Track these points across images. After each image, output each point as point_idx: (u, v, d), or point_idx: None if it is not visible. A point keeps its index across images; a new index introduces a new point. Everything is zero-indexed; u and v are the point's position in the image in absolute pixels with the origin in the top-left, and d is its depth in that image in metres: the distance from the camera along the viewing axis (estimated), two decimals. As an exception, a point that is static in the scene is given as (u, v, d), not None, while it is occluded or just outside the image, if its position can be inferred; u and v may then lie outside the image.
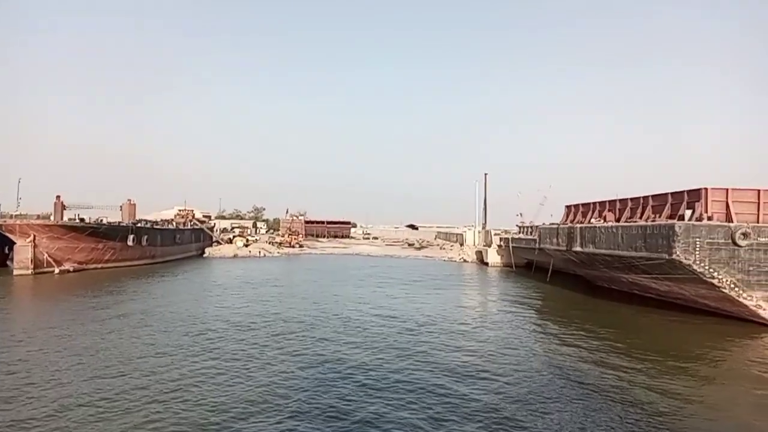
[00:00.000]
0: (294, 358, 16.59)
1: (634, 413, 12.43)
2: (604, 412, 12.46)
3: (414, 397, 13.15)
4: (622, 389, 14.20)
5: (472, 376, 15.05)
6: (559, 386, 14.36)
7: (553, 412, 12.40)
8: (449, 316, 25.01)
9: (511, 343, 19.63)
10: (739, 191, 24.95)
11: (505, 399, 13.14)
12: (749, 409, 13.43)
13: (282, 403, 12.40)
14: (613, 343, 19.69)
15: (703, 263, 23.73)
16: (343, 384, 14.04)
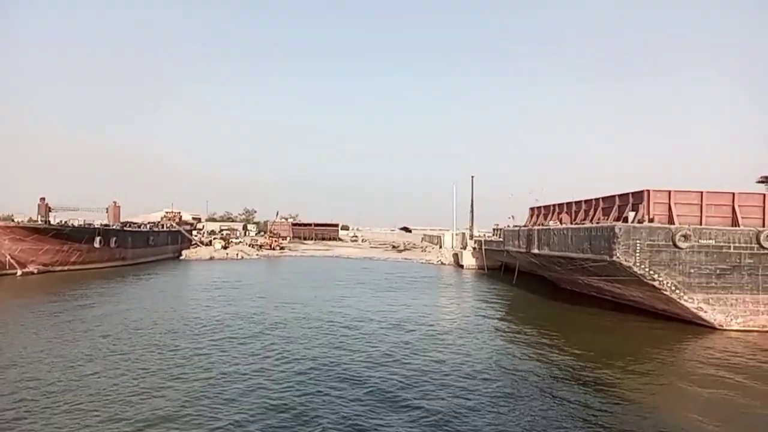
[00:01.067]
0: (226, 359, 16.53)
1: (570, 413, 12.54)
2: (548, 411, 12.59)
3: (344, 392, 13.11)
4: (563, 391, 14.27)
5: (407, 383, 14.64)
6: (504, 387, 14.38)
7: (500, 411, 12.48)
8: (392, 317, 24.95)
9: (451, 346, 19.46)
10: (681, 193, 25.00)
11: (444, 402, 13.00)
12: (687, 407, 13.53)
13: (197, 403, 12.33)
14: (565, 347, 19.50)
15: (644, 265, 23.76)
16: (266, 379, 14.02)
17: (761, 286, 23.78)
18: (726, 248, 23.76)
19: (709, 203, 24.81)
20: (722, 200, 24.90)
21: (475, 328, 23.27)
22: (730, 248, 23.75)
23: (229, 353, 17.30)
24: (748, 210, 24.85)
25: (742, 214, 24.69)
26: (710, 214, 24.75)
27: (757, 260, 23.76)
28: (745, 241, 23.75)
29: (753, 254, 23.75)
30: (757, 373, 16.76)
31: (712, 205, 24.82)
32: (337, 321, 23.66)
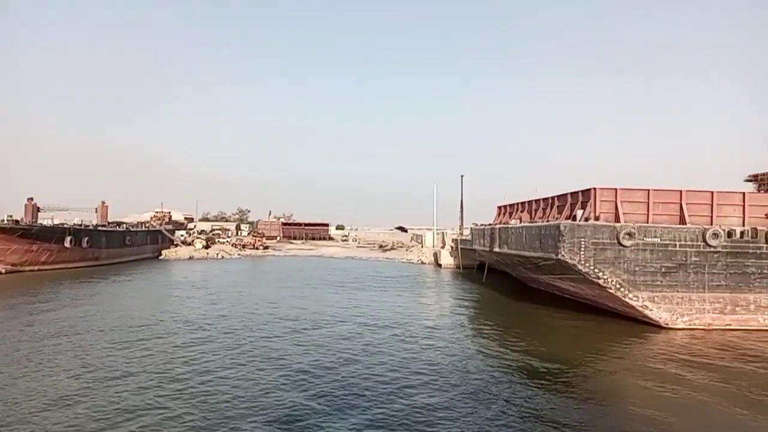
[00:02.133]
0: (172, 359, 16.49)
1: (517, 411, 12.67)
2: (495, 410, 12.69)
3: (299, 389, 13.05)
4: (512, 390, 14.36)
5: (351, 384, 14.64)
6: (450, 389, 14.31)
7: (445, 412, 12.45)
8: (346, 317, 24.88)
9: (398, 347, 19.23)
10: (627, 191, 24.89)
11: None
12: (633, 403, 13.63)
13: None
14: (520, 348, 19.46)
15: (588, 263, 23.68)
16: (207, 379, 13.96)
17: (707, 285, 23.71)
18: (672, 246, 23.69)
19: (656, 201, 24.70)
20: (669, 198, 24.81)
21: (427, 331, 23.06)
22: (676, 246, 23.69)
23: (156, 356, 17.24)
24: (695, 208, 24.76)
25: (690, 212, 24.59)
26: (657, 212, 24.65)
27: (703, 258, 23.69)
28: (691, 239, 23.68)
29: (699, 252, 23.68)
30: (698, 372, 16.73)
31: (659, 203, 24.72)
32: (288, 322, 23.45)
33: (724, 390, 14.93)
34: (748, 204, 24.74)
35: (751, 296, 23.76)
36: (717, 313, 23.69)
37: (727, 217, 24.76)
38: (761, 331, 23.27)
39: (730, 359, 18.61)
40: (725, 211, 24.82)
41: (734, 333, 22.98)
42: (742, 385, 15.55)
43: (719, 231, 23.56)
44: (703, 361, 18.10)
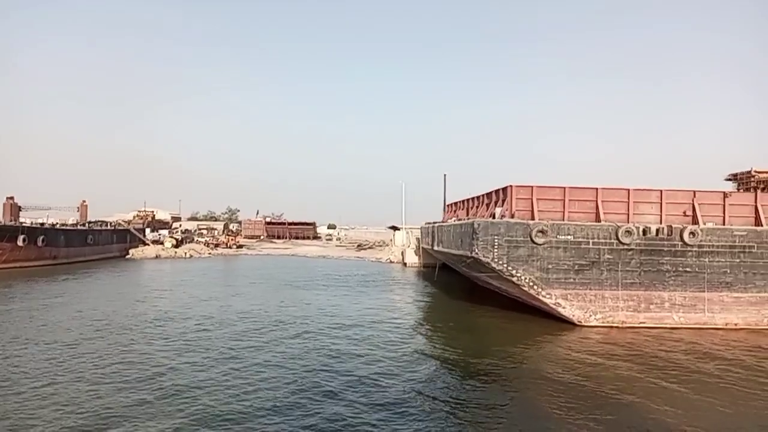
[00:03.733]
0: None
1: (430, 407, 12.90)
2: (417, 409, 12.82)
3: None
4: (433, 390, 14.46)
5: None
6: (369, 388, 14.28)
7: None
8: (266, 316, 24.82)
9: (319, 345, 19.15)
10: (543, 189, 24.84)
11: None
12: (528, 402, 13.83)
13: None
14: (448, 347, 19.56)
15: (502, 261, 23.60)
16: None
17: (621, 282, 23.66)
18: (585, 244, 23.63)
19: (573, 199, 24.67)
20: (586, 196, 24.78)
21: (342, 329, 23.04)
22: (589, 244, 23.63)
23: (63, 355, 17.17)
24: (613, 206, 24.72)
25: (605, 209, 24.56)
26: (573, 210, 24.61)
27: (616, 256, 23.64)
28: (604, 236, 23.63)
29: (612, 250, 23.63)
30: (597, 370, 16.76)
31: (575, 201, 24.68)
32: (214, 322, 23.09)
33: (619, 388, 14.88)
34: (665, 202, 24.70)
35: (665, 294, 23.72)
36: (631, 311, 23.65)
37: (645, 214, 24.73)
38: (676, 329, 23.24)
39: (630, 356, 18.66)
40: (642, 209, 24.80)
41: (647, 331, 22.95)
42: (637, 379, 15.75)
43: (632, 228, 23.50)
44: (600, 361, 18.03)
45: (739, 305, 23.73)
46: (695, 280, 23.67)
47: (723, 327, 23.50)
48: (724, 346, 20.71)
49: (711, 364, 17.89)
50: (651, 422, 12.36)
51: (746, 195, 24.91)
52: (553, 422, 12.19)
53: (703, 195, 24.88)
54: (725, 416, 13.01)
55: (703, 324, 23.53)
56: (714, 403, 13.87)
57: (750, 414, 13.32)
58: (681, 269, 23.67)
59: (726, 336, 22.46)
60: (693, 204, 24.65)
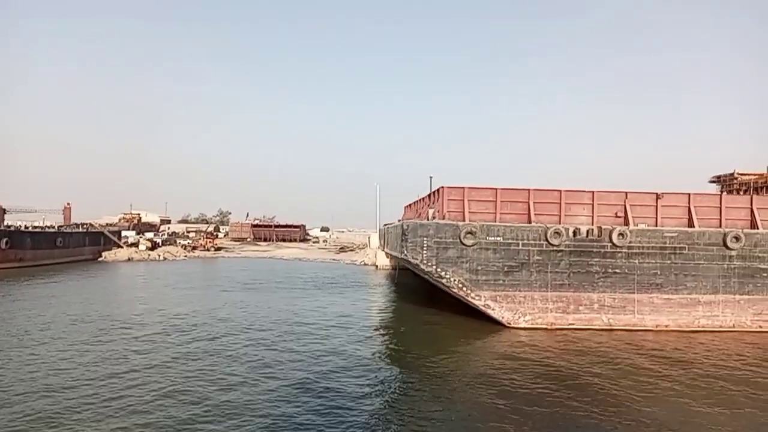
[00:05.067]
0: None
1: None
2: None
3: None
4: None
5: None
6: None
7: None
8: (201, 319, 24.76)
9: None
10: (475, 190, 24.80)
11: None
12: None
13: None
14: (385, 347, 20.08)
15: (431, 262, 23.54)
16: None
17: (550, 284, 23.62)
18: (514, 245, 23.59)
19: (504, 200, 24.62)
20: (518, 197, 24.74)
21: (285, 333, 22.93)
22: (519, 245, 23.59)
23: None
24: (545, 207, 24.68)
25: (538, 210, 24.53)
26: (505, 212, 24.56)
27: (545, 257, 23.60)
28: (533, 237, 23.59)
29: (542, 251, 23.59)
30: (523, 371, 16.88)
31: (507, 202, 24.63)
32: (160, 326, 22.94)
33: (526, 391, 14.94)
34: (597, 203, 24.67)
35: (594, 295, 23.68)
36: (560, 312, 23.60)
37: (577, 216, 24.69)
38: (605, 331, 23.19)
39: (546, 357, 18.75)
40: (575, 210, 24.76)
41: (576, 332, 22.89)
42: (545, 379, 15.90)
43: (561, 230, 23.47)
44: (512, 362, 18.09)
45: (669, 307, 23.69)
46: (625, 282, 23.64)
47: (653, 329, 23.46)
48: (651, 346, 20.84)
49: (627, 363, 18.03)
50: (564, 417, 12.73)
51: (679, 196, 24.80)
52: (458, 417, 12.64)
53: (636, 196, 24.85)
54: (647, 413, 13.11)
55: (632, 326, 23.49)
56: (635, 399, 14.07)
57: (672, 408, 13.61)
58: (610, 270, 23.63)
59: (656, 337, 22.46)
60: (625, 205, 24.62)
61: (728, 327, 23.59)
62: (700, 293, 23.66)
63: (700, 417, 13.09)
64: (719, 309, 23.69)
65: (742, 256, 23.67)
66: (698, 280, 23.68)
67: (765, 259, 23.74)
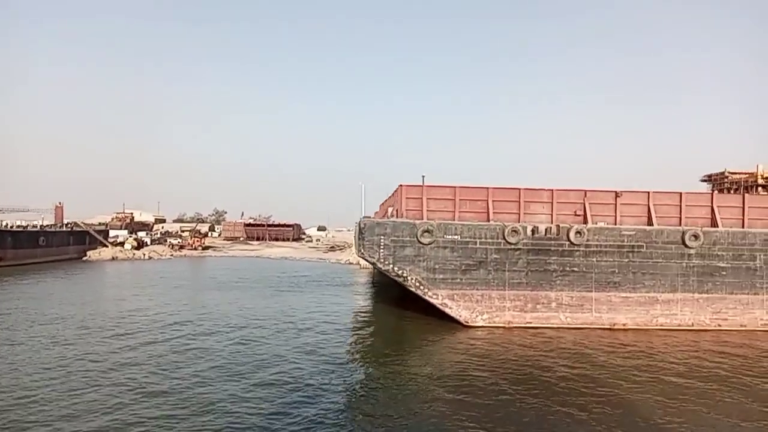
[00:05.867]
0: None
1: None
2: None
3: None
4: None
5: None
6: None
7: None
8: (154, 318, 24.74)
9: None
10: (434, 188, 24.73)
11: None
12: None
13: None
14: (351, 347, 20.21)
15: (387, 261, 23.48)
16: None
17: (508, 282, 23.56)
18: (472, 244, 23.53)
19: (464, 199, 24.54)
20: (477, 196, 24.66)
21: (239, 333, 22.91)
22: (476, 244, 23.53)
23: None
24: (503, 205, 24.60)
25: (497, 209, 24.44)
26: (464, 210, 24.48)
27: (503, 255, 23.54)
28: (491, 236, 23.53)
29: (499, 249, 23.53)
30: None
31: (466, 201, 24.56)
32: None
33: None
34: (556, 201, 24.59)
35: (552, 294, 23.62)
36: (518, 311, 23.55)
37: (536, 214, 24.61)
38: (562, 329, 23.12)
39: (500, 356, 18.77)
40: (534, 209, 24.68)
41: (533, 331, 22.84)
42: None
43: (518, 228, 23.40)
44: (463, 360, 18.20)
45: (627, 305, 23.63)
46: (583, 280, 23.58)
47: (610, 327, 23.40)
48: (603, 344, 20.86)
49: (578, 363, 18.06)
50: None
51: (638, 194, 24.70)
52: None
53: (595, 194, 24.76)
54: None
55: (590, 324, 23.43)
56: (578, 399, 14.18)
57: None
58: (568, 269, 23.57)
59: (613, 336, 22.40)
60: (584, 204, 24.54)
61: (687, 325, 23.52)
62: (659, 292, 23.60)
63: (646, 411, 13.30)
64: (678, 307, 23.62)
65: (701, 254, 23.60)
66: (656, 278, 23.61)
67: (724, 258, 23.68)
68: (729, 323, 23.58)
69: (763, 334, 23.07)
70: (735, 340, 21.74)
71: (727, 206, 24.74)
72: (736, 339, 21.96)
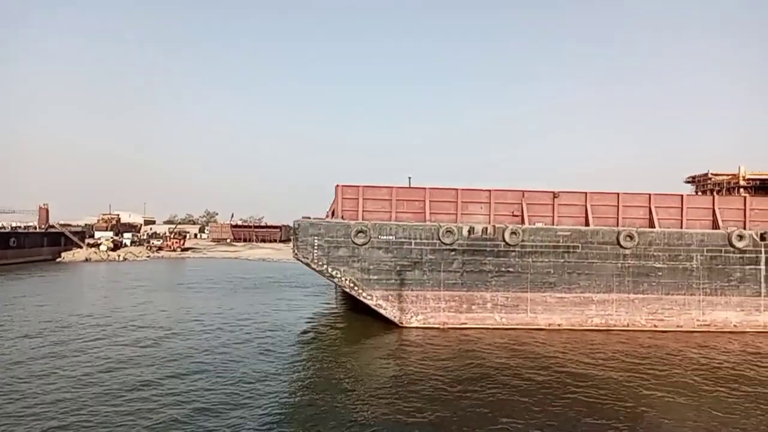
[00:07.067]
0: None
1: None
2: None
3: None
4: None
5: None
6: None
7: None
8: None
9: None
10: (371, 189, 24.62)
11: None
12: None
13: None
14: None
15: (321, 262, 23.38)
16: None
17: (443, 283, 23.48)
18: (407, 244, 23.46)
19: (401, 199, 24.48)
20: (414, 196, 24.62)
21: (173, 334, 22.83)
22: (411, 244, 23.45)
23: None
24: (441, 205, 24.56)
25: (433, 209, 24.39)
26: (402, 210, 24.42)
27: (438, 256, 23.47)
28: (426, 236, 23.46)
29: (434, 250, 23.46)
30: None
31: (403, 201, 24.50)
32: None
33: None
34: (494, 201, 24.55)
35: (488, 294, 23.54)
36: (453, 311, 23.47)
37: (474, 214, 24.56)
38: (497, 330, 23.04)
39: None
40: (472, 209, 24.63)
41: (468, 331, 22.76)
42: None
43: (453, 228, 23.34)
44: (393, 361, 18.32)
45: (562, 306, 23.58)
46: (518, 281, 23.51)
47: (545, 327, 23.34)
48: (543, 342, 21.12)
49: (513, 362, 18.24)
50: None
51: (576, 195, 24.65)
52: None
53: (533, 195, 24.71)
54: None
55: (525, 324, 23.36)
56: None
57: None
58: (504, 269, 23.50)
59: (548, 336, 22.34)
60: (522, 204, 24.48)
61: (622, 326, 23.47)
62: (594, 292, 23.55)
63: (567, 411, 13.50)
64: (613, 308, 23.57)
65: (636, 254, 23.56)
66: (592, 279, 23.56)
67: (660, 258, 23.63)
68: (665, 324, 23.53)
69: (700, 335, 23.06)
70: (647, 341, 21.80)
71: (666, 207, 24.72)
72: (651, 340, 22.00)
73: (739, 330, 23.46)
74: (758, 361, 19.08)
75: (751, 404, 14.35)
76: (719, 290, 23.62)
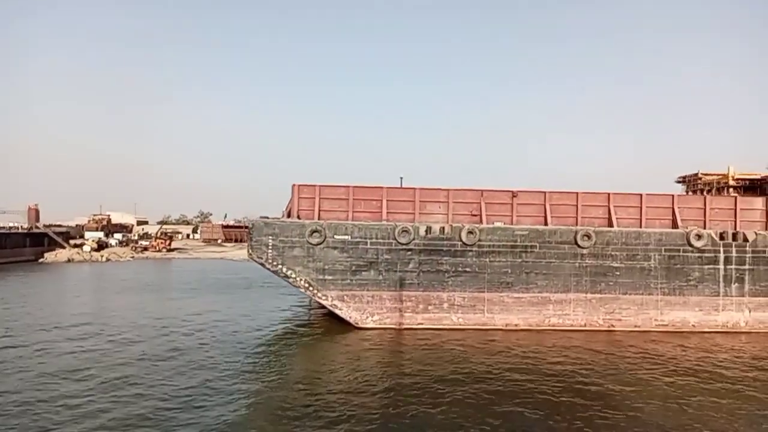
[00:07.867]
0: None
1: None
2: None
3: None
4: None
5: None
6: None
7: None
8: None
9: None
10: (328, 188, 24.41)
11: None
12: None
13: None
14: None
15: (276, 262, 23.18)
16: None
17: (399, 283, 23.29)
18: (363, 244, 23.27)
19: (358, 198, 24.29)
20: (371, 195, 24.43)
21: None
22: (367, 244, 23.26)
23: None
24: (399, 205, 24.40)
25: (390, 209, 24.22)
26: (359, 210, 24.24)
27: (395, 256, 23.29)
28: (382, 236, 23.28)
29: (390, 250, 23.28)
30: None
31: (361, 200, 24.32)
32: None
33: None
34: (453, 201, 24.38)
35: (444, 294, 23.37)
36: (409, 312, 23.29)
37: (433, 214, 24.39)
38: (454, 330, 22.86)
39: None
40: (430, 209, 24.46)
41: (424, 332, 22.57)
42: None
43: (409, 228, 23.16)
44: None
45: (519, 306, 23.41)
46: (475, 281, 23.34)
47: (503, 327, 23.18)
48: (499, 342, 21.06)
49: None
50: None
51: (535, 194, 24.48)
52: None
53: (492, 194, 24.54)
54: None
55: (482, 325, 23.19)
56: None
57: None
58: (461, 269, 23.32)
59: (504, 336, 22.17)
60: (480, 204, 24.31)
61: (579, 326, 23.32)
62: (551, 292, 23.38)
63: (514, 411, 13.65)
64: (570, 308, 23.42)
65: (593, 254, 23.39)
66: (549, 278, 23.39)
67: (618, 258, 23.47)
68: (623, 324, 23.38)
69: (657, 335, 22.90)
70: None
71: (625, 206, 24.56)
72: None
73: (697, 330, 23.30)
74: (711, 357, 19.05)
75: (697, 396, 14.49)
76: (678, 290, 23.46)
